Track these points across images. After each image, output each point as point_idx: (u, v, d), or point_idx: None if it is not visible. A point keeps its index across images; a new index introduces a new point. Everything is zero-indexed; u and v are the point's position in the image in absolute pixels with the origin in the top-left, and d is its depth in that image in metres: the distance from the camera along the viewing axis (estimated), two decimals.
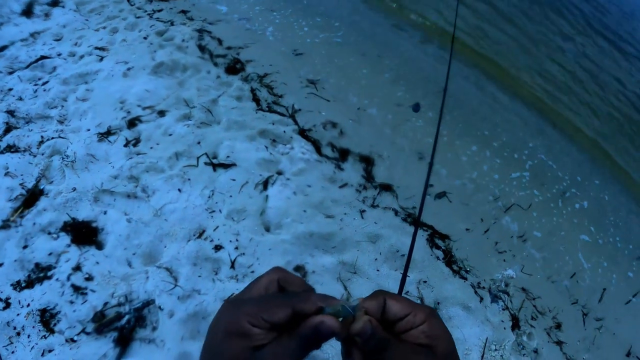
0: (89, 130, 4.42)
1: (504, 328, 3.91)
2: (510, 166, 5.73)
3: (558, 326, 4.20)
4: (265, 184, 4.23)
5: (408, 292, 3.81)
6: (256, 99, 5.23)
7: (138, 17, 6.33)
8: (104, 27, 6.01)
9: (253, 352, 0.67)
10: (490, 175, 5.41)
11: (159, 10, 6.64)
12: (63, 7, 6.25)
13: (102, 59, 5.38)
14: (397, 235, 4.18)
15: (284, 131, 4.84)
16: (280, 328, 0.71)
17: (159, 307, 3.25)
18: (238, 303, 0.73)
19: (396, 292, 0.95)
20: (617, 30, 10.65)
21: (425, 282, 3.94)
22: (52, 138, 4.26)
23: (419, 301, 3.75)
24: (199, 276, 3.48)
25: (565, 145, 6.60)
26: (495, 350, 3.73)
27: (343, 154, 4.82)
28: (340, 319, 0.73)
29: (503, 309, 4.04)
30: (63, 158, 4.08)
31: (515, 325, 3.97)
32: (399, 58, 6.90)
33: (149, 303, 3.25)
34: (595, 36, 10.02)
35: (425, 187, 1.77)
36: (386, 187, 4.61)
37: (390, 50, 7.00)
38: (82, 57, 5.38)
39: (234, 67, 5.66)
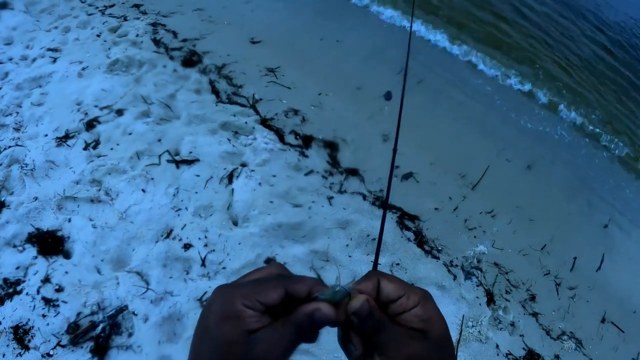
0: (46, 135, 4.34)
1: (480, 304, 3.96)
2: (477, 142, 5.79)
3: (532, 298, 4.27)
4: (230, 178, 4.21)
5: None
6: (215, 91, 5.20)
7: (90, 14, 6.22)
8: (56, 27, 5.90)
9: (247, 336, 0.66)
10: (456, 152, 5.45)
11: (111, 6, 6.53)
12: (12, 9, 6.10)
13: (55, 60, 5.28)
14: (367, 219, 4.20)
15: (246, 122, 4.81)
16: (274, 313, 0.71)
17: (133, 313, 3.23)
18: (231, 286, 0.73)
19: None
20: None
21: (398, 264, 3.97)
22: (9, 147, 4.17)
23: None
24: (170, 277, 3.46)
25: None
26: (473, 326, 3.79)
27: (307, 141, 4.81)
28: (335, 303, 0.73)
29: (477, 285, 4.09)
30: (22, 167, 4.01)
31: (490, 300, 4.03)
32: (358, 41, 6.88)
33: (122, 309, 3.23)
34: None
35: (390, 171, 1.76)
36: (352, 172, 4.62)
37: (349, 34, 6.97)
38: (34, 60, 5.27)
39: (191, 60, 5.60)
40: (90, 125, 4.47)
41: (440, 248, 4.28)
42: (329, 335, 2.92)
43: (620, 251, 5.20)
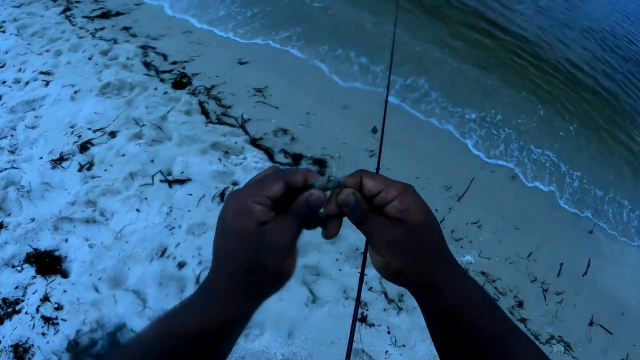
0: (41, 158, 4.40)
1: None
2: (462, 155, 5.91)
3: (520, 304, 4.36)
4: (222, 196, 4.28)
5: (372, 288, 3.91)
6: (205, 112, 5.28)
7: (81, 38, 6.29)
8: (47, 50, 5.96)
9: (259, 226, 0.79)
10: (441, 165, 5.58)
11: (101, 29, 6.61)
12: (4, 32, 6.19)
13: (48, 83, 5.34)
14: (356, 233, 4.19)
15: (236, 142, 4.90)
16: (278, 208, 0.84)
17: (132, 330, 3.26)
18: (240, 190, 0.84)
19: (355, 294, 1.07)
20: None
21: None
22: (5, 169, 4.23)
23: (382, 295, 3.87)
24: (166, 295, 3.51)
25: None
26: None
27: (296, 159, 4.90)
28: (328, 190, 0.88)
29: None
30: (18, 189, 4.07)
31: None
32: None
33: (121, 327, 3.26)
34: None
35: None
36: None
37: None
38: (27, 83, 5.33)
39: (181, 82, 5.70)
40: (84, 147, 4.54)
41: None
42: (329, 348, 2.97)
43: (606, 255, 5.33)
